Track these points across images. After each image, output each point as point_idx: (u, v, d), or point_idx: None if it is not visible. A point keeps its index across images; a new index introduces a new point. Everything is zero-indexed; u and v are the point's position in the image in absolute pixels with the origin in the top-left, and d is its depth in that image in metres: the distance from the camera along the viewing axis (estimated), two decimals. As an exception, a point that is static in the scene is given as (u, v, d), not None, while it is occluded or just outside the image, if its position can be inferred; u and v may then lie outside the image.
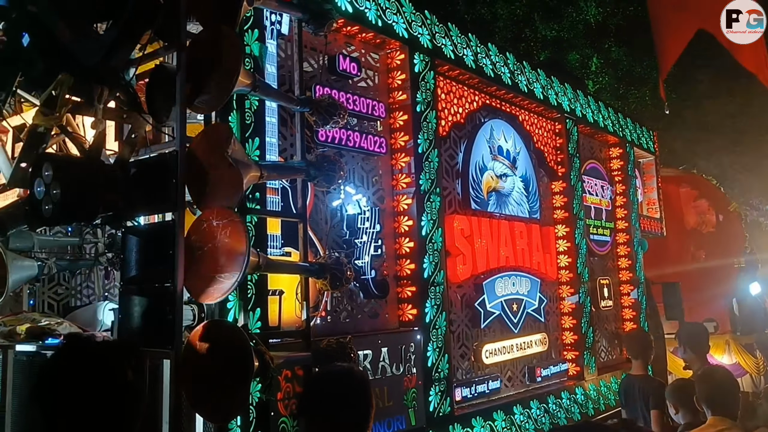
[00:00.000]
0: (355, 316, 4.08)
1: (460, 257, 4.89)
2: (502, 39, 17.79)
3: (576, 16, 17.17)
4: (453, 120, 5.07)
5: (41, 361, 4.41)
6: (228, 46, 2.97)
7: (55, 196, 2.79)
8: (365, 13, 4.19)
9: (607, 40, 17.44)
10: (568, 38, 17.43)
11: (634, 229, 7.67)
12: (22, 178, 2.96)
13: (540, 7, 17.55)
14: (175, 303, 2.89)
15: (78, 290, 6.22)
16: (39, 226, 3.85)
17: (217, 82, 2.98)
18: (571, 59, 17.41)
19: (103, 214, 3.00)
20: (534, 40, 17.96)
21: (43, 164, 2.83)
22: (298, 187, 3.52)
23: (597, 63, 17.49)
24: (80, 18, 2.80)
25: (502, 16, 17.94)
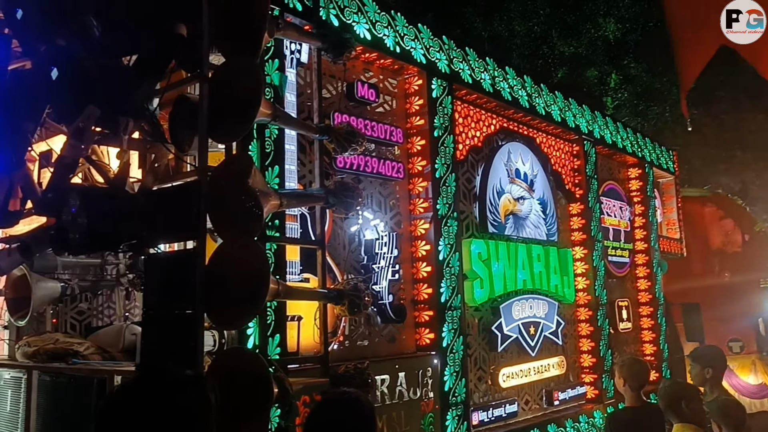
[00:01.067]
0: (372, 341, 4.11)
1: (478, 281, 4.90)
2: (520, 56, 17.80)
3: (594, 33, 17.10)
4: (470, 144, 5.10)
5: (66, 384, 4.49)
6: (249, 78, 3.04)
7: (82, 225, 2.86)
8: (383, 40, 4.25)
9: (626, 56, 17.36)
10: (587, 55, 17.34)
11: (653, 250, 7.63)
12: (50, 206, 3.04)
13: (558, 24, 17.49)
14: (197, 329, 2.95)
15: (99, 310, 6.32)
16: (66, 253, 3.93)
17: (239, 113, 3.05)
18: (589, 76, 17.35)
19: (127, 241, 3.06)
20: (552, 57, 17.89)
21: (71, 194, 2.90)
22: (316, 213, 3.57)
23: (616, 79, 17.33)
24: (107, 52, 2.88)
25: (519, 33, 17.87)
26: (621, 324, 6.92)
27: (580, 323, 6.24)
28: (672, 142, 15.82)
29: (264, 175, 3.29)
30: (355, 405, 2.56)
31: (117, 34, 2.76)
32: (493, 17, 17.83)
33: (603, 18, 16.90)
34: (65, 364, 4.65)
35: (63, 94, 2.88)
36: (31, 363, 4.85)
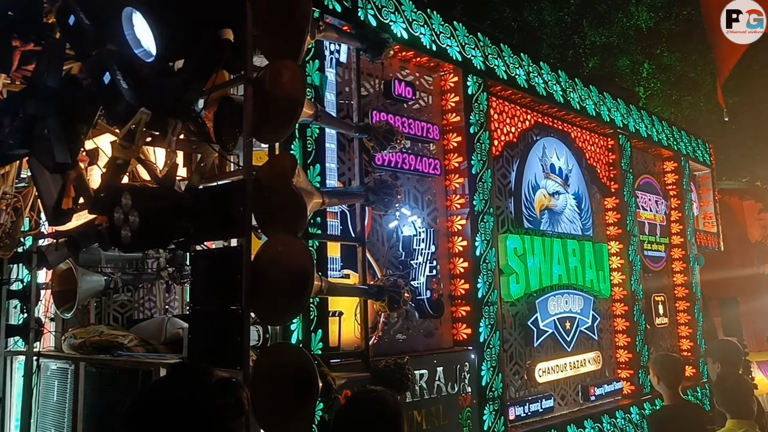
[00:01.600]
0: (410, 336, 4.17)
1: (513, 276, 4.93)
2: (550, 46, 17.62)
3: (626, 22, 16.77)
4: (506, 139, 5.12)
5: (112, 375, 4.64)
6: (293, 80, 3.10)
7: (134, 223, 2.96)
8: (420, 39, 4.29)
9: (659, 45, 16.99)
10: (619, 44, 17.01)
11: (689, 245, 7.56)
12: (102, 205, 3.15)
13: (589, 13, 17.17)
14: (243, 325, 3.04)
15: (140, 303, 6.49)
16: (117, 250, 4.07)
17: (282, 113, 3.12)
18: (621, 65, 17.06)
19: (176, 239, 3.16)
20: (582, 47, 17.61)
21: (122, 193, 3.01)
22: (356, 211, 3.64)
23: (648, 69, 17.05)
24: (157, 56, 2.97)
25: (549, 23, 17.63)
26: (657, 319, 6.88)
27: (615, 318, 6.23)
28: (707, 132, 15.56)
29: (306, 174, 3.36)
30: (379, 405, 2.61)
31: (168, 39, 2.84)
32: (523, 7, 17.60)
33: (635, 6, 16.56)
34: (110, 355, 4.80)
35: (116, 97, 2.99)
36: (78, 354, 5.02)
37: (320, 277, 3.19)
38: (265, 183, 3.14)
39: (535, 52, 5.56)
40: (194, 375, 1.88)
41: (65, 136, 3.17)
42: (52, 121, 3.17)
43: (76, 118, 3.17)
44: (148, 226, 2.97)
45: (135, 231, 2.98)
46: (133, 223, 2.98)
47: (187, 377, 1.86)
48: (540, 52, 16.91)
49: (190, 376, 1.88)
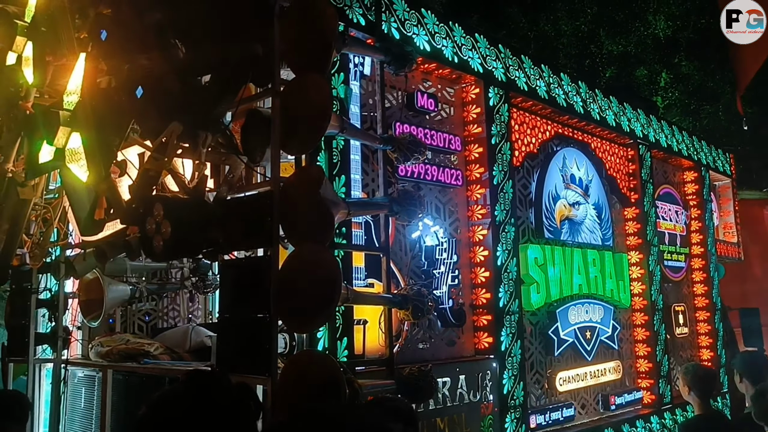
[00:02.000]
0: (433, 344, 4.22)
1: (534, 285, 4.96)
2: (566, 56, 17.65)
3: (644, 31, 16.84)
4: (526, 150, 5.17)
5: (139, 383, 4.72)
6: (320, 93, 3.17)
7: (165, 233, 3.04)
8: (442, 51, 4.36)
9: (677, 54, 16.96)
10: (636, 53, 17.08)
11: (710, 255, 7.53)
12: (134, 216, 3.24)
13: (606, 23, 17.18)
14: (271, 333, 3.10)
15: (164, 312, 6.58)
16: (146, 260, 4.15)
17: (310, 126, 3.19)
18: (638, 75, 17.10)
19: (206, 249, 3.24)
20: (599, 56, 17.63)
21: (154, 204, 3.10)
22: (380, 221, 3.70)
23: (666, 78, 17.05)
24: (188, 71, 3.06)
25: (566, 33, 17.71)
26: (677, 329, 6.86)
27: (636, 328, 6.23)
28: (726, 142, 15.19)
29: (332, 185, 3.43)
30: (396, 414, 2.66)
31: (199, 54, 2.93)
32: (540, 17, 17.71)
33: (653, 15, 16.61)
34: (137, 363, 4.89)
35: (148, 110, 3.08)
36: (105, 362, 5.11)
37: (346, 285, 3.24)
38: (292, 194, 3.20)
39: (553, 62, 5.56)
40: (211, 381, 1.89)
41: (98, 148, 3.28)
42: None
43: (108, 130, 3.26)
44: (179, 236, 3.04)
45: (166, 241, 3.06)
46: (165, 234, 3.06)
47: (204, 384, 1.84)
48: (557, 61, 17.00)
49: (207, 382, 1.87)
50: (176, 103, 3.05)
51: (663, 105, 16.91)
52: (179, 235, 3.05)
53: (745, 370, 4.60)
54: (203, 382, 1.87)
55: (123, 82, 3.23)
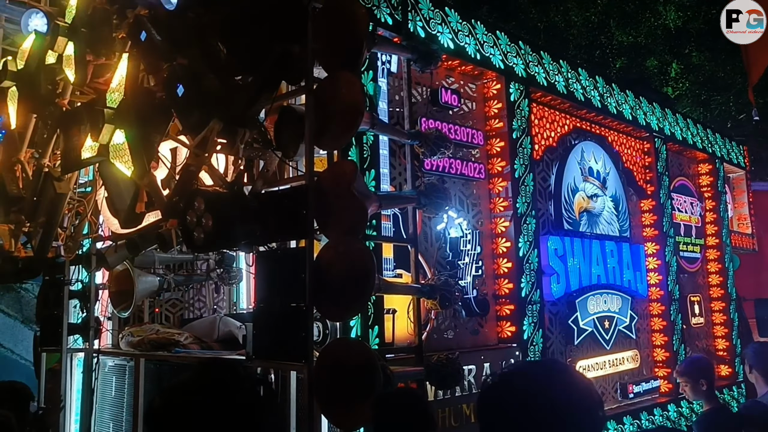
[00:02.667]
0: (457, 333, 4.35)
1: (554, 276, 5.07)
2: (576, 47, 17.50)
3: (654, 21, 16.73)
4: (546, 144, 5.28)
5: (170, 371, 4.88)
6: (352, 91, 3.30)
7: (206, 226, 3.18)
8: (465, 48, 4.47)
9: (688, 44, 16.88)
10: (646, 44, 16.98)
11: (724, 246, 7.62)
12: (174, 209, 3.38)
13: (616, 13, 17.09)
14: (307, 321, 3.24)
15: (190, 303, 6.75)
16: (191, 251, 4.30)
17: (343, 122, 3.32)
18: (649, 65, 17.04)
19: (244, 240, 3.38)
20: (610, 47, 17.55)
21: (195, 198, 3.23)
22: (408, 213, 3.83)
23: (677, 69, 16.94)
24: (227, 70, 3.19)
25: (576, 24, 17.54)
26: (693, 319, 6.96)
27: (652, 318, 6.33)
28: (737, 132, 15.17)
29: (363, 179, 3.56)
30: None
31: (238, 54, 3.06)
32: (550, 8, 17.55)
33: (663, 6, 16.48)
34: (168, 352, 5.05)
35: (189, 108, 3.22)
36: (136, 351, 5.27)
37: (377, 276, 3.37)
38: (326, 188, 3.33)
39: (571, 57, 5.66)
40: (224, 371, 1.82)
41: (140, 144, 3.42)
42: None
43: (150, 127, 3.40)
44: (219, 228, 3.18)
45: (207, 233, 3.20)
46: (206, 226, 3.20)
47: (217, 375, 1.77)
48: (567, 52, 16.69)
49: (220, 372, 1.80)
50: (216, 101, 3.19)
51: (674, 95, 16.75)
52: (219, 228, 3.19)
53: (756, 362, 4.66)
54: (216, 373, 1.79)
55: (164, 81, 3.36)
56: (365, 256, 3.17)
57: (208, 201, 3.20)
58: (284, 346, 3.36)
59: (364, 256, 3.17)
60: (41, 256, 4.91)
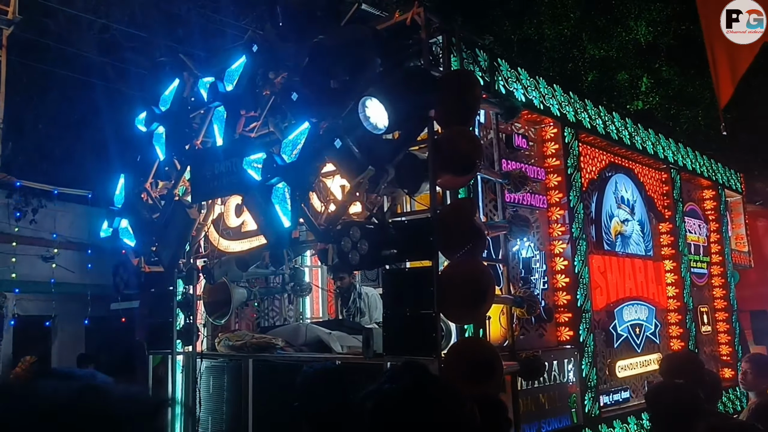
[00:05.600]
0: (528, 336, 5.26)
1: (598, 289, 6.03)
2: (549, 60, 17.84)
3: (625, 36, 17.03)
4: (589, 177, 6.24)
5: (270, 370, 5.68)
6: (470, 142, 4.22)
7: (362, 249, 4.08)
8: (533, 101, 5.43)
9: (658, 59, 17.21)
10: (618, 58, 17.29)
11: (726, 262, 8.65)
12: (330, 235, 4.27)
13: (588, 27, 17.39)
14: (436, 324, 4.14)
15: (266, 312, 7.61)
16: (347, 271, 5.17)
17: (461, 168, 4.24)
18: (619, 79, 17.34)
19: (386, 261, 4.28)
20: (582, 60, 17.82)
21: (351, 228, 4.13)
22: (500, 238, 4.75)
23: (647, 83, 17.30)
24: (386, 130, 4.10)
25: (549, 37, 17.90)
26: (703, 327, 7.95)
27: (671, 326, 7.31)
28: (705, 146, 15.49)
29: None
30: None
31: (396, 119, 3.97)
32: (523, 21, 17.91)
33: (634, 21, 16.85)
34: (269, 354, 5.90)
35: (347, 157, 4.12)
36: (234, 353, 6.11)
37: (487, 288, 4.28)
38: (448, 219, 4.25)
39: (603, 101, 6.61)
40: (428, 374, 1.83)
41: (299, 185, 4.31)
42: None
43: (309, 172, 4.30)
44: (372, 251, 4.08)
45: (363, 256, 4.09)
46: (362, 250, 4.09)
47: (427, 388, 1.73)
48: (540, 65, 17.03)
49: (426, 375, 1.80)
50: (370, 153, 4.10)
51: (644, 109, 17.11)
52: (372, 251, 4.09)
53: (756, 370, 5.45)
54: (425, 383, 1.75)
55: (323, 135, 4.27)
56: (486, 274, 4.09)
57: (362, 230, 4.10)
58: (415, 344, 4.25)
59: (484, 274, 4.09)
60: (170, 271, 5.76)
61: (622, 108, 16.89)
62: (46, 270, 11.71)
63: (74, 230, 12.15)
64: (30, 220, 11.70)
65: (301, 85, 4.43)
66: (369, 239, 4.07)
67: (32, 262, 11.67)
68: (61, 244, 11.92)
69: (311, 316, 7.83)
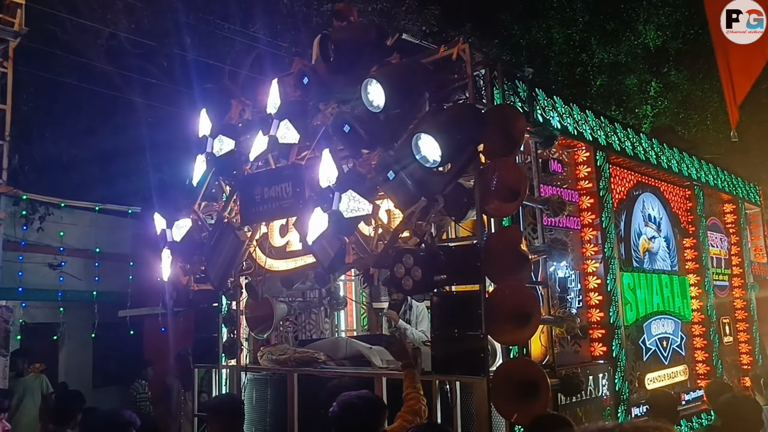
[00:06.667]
0: (564, 352, 5.51)
1: (628, 305, 6.27)
2: (558, 64, 18.04)
3: (634, 40, 17.21)
4: (618, 197, 6.49)
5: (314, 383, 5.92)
6: (516, 173, 4.47)
7: (416, 275, 4.33)
8: (567, 127, 5.68)
9: (667, 63, 17.35)
10: (626, 62, 17.46)
11: (747, 274, 8.87)
12: (385, 261, 4.53)
13: (597, 32, 17.52)
14: (484, 345, 4.40)
15: (302, 326, 7.88)
16: (402, 295, 5.42)
17: (508, 196, 4.49)
18: (628, 84, 17.52)
19: (437, 285, 4.53)
20: (590, 65, 17.96)
21: (404, 254, 4.39)
22: (540, 261, 5.00)
23: (656, 87, 17.52)
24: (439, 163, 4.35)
25: (558, 41, 18.05)
26: (725, 338, 8.18)
27: (695, 337, 7.54)
28: (714, 150, 15.75)
29: (516, 237, 4.73)
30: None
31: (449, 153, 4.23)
32: (532, 25, 18.07)
33: (643, 25, 17.03)
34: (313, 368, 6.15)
35: (401, 188, 4.38)
36: (278, 367, 6.36)
37: (531, 311, 4.53)
38: (494, 246, 4.51)
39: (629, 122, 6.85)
40: None
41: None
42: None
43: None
44: (425, 276, 4.34)
45: (416, 281, 4.35)
46: (415, 276, 4.35)
47: None
48: (548, 69, 17.50)
49: None
50: (422, 185, 4.36)
51: (652, 114, 17.41)
52: (425, 276, 4.35)
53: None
54: None
55: (375, 167, 4.53)
56: (533, 298, 4.35)
57: (416, 257, 4.36)
58: (463, 364, 4.51)
59: (531, 298, 4.34)
60: (220, 290, 6.03)
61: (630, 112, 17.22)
62: (52, 278, 11.76)
63: (82, 238, 12.16)
64: (37, 228, 11.76)
65: (352, 117, 4.69)
66: (421, 265, 4.33)
67: (39, 270, 11.73)
68: (69, 252, 11.95)
69: (346, 329, 8.09)
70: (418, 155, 4.32)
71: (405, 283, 4.42)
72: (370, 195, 4.55)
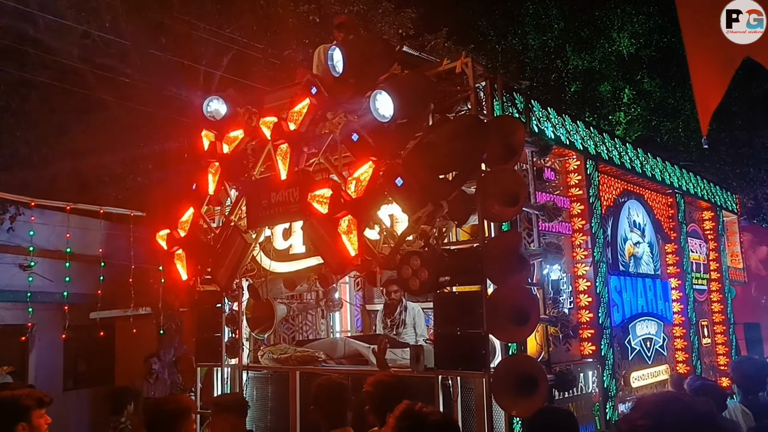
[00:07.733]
0: (556, 350, 5.80)
1: (615, 307, 6.59)
2: (533, 70, 18.32)
3: (608, 48, 17.59)
4: (606, 204, 6.81)
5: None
6: (515, 180, 4.75)
7: (422, 276, 4.59)
8: (560, 137, 5.99)
9: (640, 71, 17.76)
10: (600, 69, 17.83)
11: (724, 279, 9.27)
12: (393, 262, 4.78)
13: (572, 39, 17.91)
14: (485, 342, 4.67)
15: (300, 327, 8.09)
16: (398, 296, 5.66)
17: (508, 202, 4.77)
18: (602, 90, 17.85)
19: (441, 286, 4.79)
20: (565, 71, 18.35)
21: (411, 257, 4.65)
22: (535, 264, 5.29)
23: (629, 94, 17.87)
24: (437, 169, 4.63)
25: (533, 47, 18.43)
26: (703, 339, 8.55)
27: (676, 339, 7.89)
28: (685, 157, 15.90)
29: (514, 241, 5.01)
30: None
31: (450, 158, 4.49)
32: (508, 31, 18.46)
33: (617, 33, 17.41)
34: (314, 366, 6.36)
35: (408, 195, 4.64)
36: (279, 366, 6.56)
37: (529, 310, 4.81)
38: (494, 249, 4.78)
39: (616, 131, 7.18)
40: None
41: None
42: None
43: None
44: (431, 278, 4.60)
45: (423, 282, 4.61)
46: (422, 277, 4.61)
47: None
48: (523, 75, 17.62)
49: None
50: (426, 190, 4.62)
51: (625, 120, 17.75)
52: (431, 278, 4.61)
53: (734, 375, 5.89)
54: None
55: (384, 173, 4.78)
56: (532, 298, 4.63)
57: (423, 259, 4.62)
58: (465, 360, 4.77)
59: (530, 299, 4.62)
60: (226, 291, 6.23)
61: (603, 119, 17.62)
62: (22, 278, 11.48)
63: (52, 238, 11.73)
64: (7, 228, 11.59)
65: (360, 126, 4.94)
66: (427, 267, 4.59)
67: (8, 270, 11.53)
68: (39, 252, 11.57)
69: (341, 329, 8.32)
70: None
71: (412, 283, 4.68)
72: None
